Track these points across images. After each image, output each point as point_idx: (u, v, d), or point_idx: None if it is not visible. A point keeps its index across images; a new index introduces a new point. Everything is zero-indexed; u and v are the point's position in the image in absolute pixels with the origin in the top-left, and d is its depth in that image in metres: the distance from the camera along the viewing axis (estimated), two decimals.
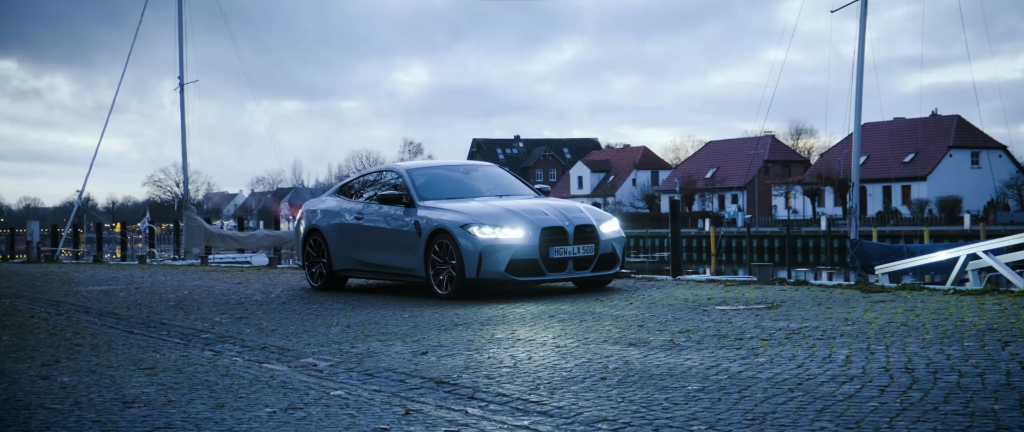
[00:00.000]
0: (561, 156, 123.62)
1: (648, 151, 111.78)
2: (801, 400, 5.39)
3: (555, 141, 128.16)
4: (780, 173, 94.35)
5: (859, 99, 22.33)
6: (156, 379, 7.08)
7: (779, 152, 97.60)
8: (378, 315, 10.39)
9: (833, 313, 8.56)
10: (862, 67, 23.04)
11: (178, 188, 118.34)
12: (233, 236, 38.55)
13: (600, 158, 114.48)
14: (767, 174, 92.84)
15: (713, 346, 7.31)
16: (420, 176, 12.63)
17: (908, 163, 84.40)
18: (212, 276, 17.65)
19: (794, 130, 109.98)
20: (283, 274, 17.45)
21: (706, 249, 67.11)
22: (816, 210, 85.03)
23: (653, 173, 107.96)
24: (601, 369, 6.68)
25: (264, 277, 16.68)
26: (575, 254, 11.36)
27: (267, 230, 44.09)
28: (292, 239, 38.51)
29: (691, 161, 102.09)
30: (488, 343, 8.09)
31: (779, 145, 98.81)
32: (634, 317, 9.07)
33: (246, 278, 16.42)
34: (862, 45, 22.42)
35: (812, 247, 65.67)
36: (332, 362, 7.68)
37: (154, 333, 9.92)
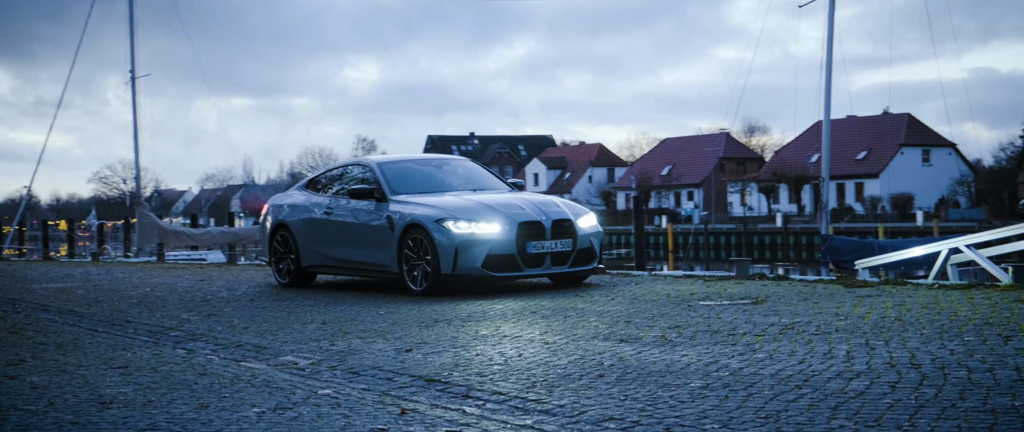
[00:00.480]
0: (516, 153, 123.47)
1: (604, 148, 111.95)
2: (811, 397, 5.23)
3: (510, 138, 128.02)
4: (735, 170, 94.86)
5: (828, 94, 22.35)
6: (131, 378, 6.80)
7: (734, 149, 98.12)
8: (354, 312, 10.13)
9: (822, 308, 8.43)
10: (830, 63, 23.09)
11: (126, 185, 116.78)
12: (187, 233, 37.98)
13: (556, 155, 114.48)
14: (722, 171, 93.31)
15: (707, 342, 7.14)
16: (391, 169, 12.37)
17: (861, 160, 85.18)
18: (172, 273, 17.27)
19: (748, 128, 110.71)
20: (246, 271, 17.10)
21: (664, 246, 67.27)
22: (771, 207, 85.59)
23: (609, 170, 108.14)
24: (596, 366, 6.49)
25: (226, 274, 16.33)
26: (553, 249, 11.16)
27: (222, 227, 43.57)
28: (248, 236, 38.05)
29: (647, 158, 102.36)
30: (474, 340, 7.88)
31: (734, 142, 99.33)
32: (619, 313, 8.90)
33: (208, 275, 16.07)
34: (830, 41, 22.43)
35: (768, 244, 66.03)
36: (313, 360, 7.44)
37: (120, 331, 9.60)
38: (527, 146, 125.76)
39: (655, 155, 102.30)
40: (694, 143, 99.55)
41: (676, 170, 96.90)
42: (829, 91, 22.50)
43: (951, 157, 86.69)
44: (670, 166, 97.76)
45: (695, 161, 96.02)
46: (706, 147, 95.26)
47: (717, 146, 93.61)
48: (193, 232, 38.18)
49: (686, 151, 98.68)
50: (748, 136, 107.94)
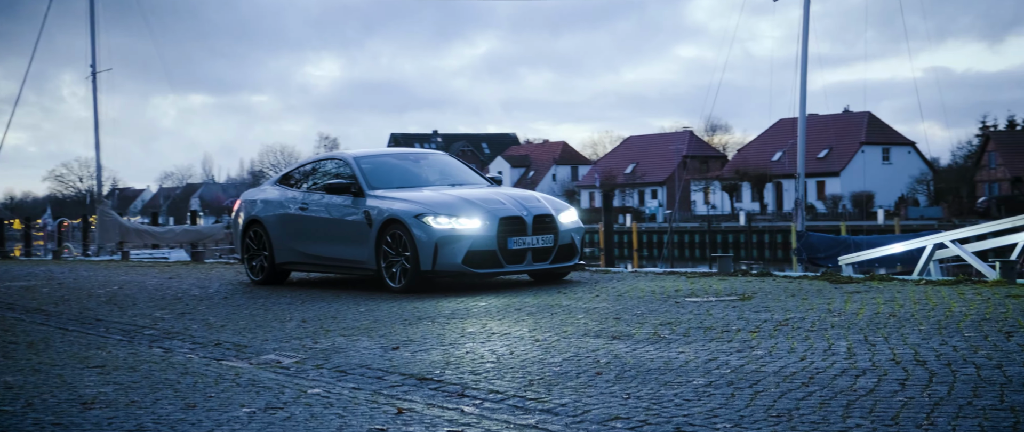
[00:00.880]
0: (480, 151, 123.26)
1: (567, 146, 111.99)
2: (820, 395, 5.10)
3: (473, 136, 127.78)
4: (698, 168, 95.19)
5: (803, 91, 22.36)
6: (110, 378, 6.56)
7: (697, 148, 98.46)
8: (333, 309, 9.92)
9: (812, 304, 8.33)
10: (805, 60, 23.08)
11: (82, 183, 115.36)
12: (149, 231, 37.52)
13: (519, 153, 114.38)
14: (686, 169, 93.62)
15: (702, 339, 7.01)
16: (368, 164, 12.14)
17: (822, 159, 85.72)
18: (138, 271, 16.96)
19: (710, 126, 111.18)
20: (215, 269, 16.81)
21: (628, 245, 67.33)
22: (734, 205, 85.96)
23: (573, 168, 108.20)
24: (592, 364, 6.34)
25: (195, 272, 16.04)
26: (534, 245, 11.00)
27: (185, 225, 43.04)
28: (211, 234, 37.62)
29: (611, 156, 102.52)
30: (461, 337, 7.70)
31: (697, 141, 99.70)
32: (606, 310, 8.75)
33: (177, 273, 15.77)
34: (805, 38, 22.44)
35: (731, 242, 66.28)
36: (297, 359, 7.23)
37: (91, 330, 9.34)
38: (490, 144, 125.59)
39: (619, 153, 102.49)
40: (658, 141, 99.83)
41: (640, 168, 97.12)
42: (804, 88, 22.52)
43: (911, 155, 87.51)
44: (634, 164, 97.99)
45: (659, 159, 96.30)
46: (670, 145, 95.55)
47: (681, 144, 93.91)
48: (155, 230, 37.72)
49: (650, 149, 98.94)
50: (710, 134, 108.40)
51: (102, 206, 36.19)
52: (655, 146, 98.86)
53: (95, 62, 38.75)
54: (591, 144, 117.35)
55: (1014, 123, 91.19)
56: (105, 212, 35.74)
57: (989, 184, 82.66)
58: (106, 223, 35.17)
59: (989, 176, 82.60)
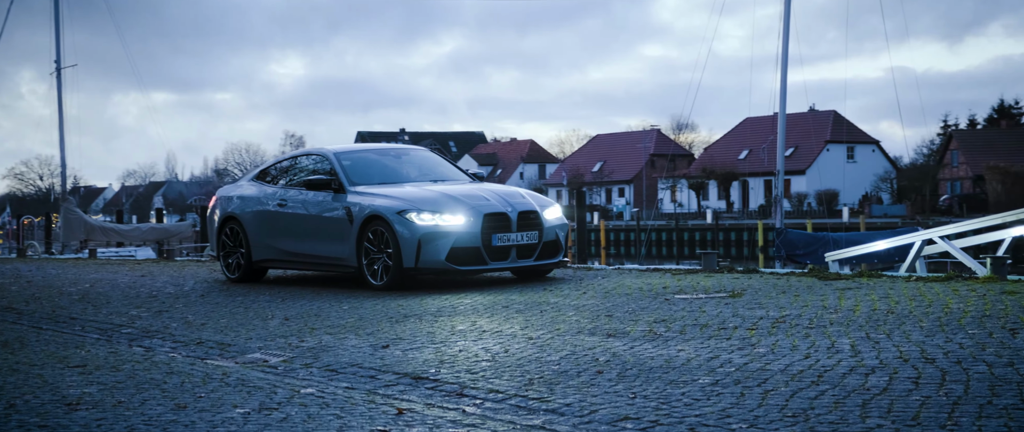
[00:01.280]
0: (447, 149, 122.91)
1: (535, 144, 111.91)
2: (833, 394, 4.98)
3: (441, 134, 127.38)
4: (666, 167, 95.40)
5: (784, 88, 22.33)
6: (93, 378, 6.35)
7: (664, 146, 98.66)
8: (315, 307, 9.72)
9: (805, 301, 8.23)
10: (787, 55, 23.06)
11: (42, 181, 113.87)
12: (115, 229, 37.05)
13: (487, 152, 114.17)
14: (653, 168, 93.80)
15: (699, 336, 6.89)
16: (349, 159, 11.94)
17: (788, 157, 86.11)
18: (107, 269, 16.64)
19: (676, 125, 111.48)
20: (188, 266, 16.54)
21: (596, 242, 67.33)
22: (701, 203, 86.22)
23: (540, 167, 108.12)
24: (591, 362, 6.20)
25: (168, 269, 15.76)
26: (519, 242, 10.85)
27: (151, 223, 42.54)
28: (178, 232, 37.19)
29: (578, 154, 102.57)
30: (452, 335, 7.54)
31: (664, 139, 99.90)
32: (597, 307, 8.61)
33: (149, 271, 15.49)
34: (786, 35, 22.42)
35: (698, 240, 66.45)
36: (284, 358, 7.04)
37: (66, 329, 9.09)
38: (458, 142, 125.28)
39: (586, 151, 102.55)
40: (625, 139, 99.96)
41: (607, 166, 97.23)
42: (784, 86, 22.50)
43: (875, 154, 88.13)
44: (601, 162, 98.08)
45: (626, 157, 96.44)
46: (637, 144, 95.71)
47: (648, 143, 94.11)
48: (121, 228, 37.26)
49: (617, 147, 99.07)
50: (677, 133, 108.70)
51: (67, 203, 35.68)
52: (622, 144, 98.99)
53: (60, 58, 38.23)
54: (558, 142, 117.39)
55: (974, 122, 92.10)
56: (70, 210, 35.25)
57: (951, 182, 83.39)
58: (70, 221, 34.68)
59: (952, 174, 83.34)
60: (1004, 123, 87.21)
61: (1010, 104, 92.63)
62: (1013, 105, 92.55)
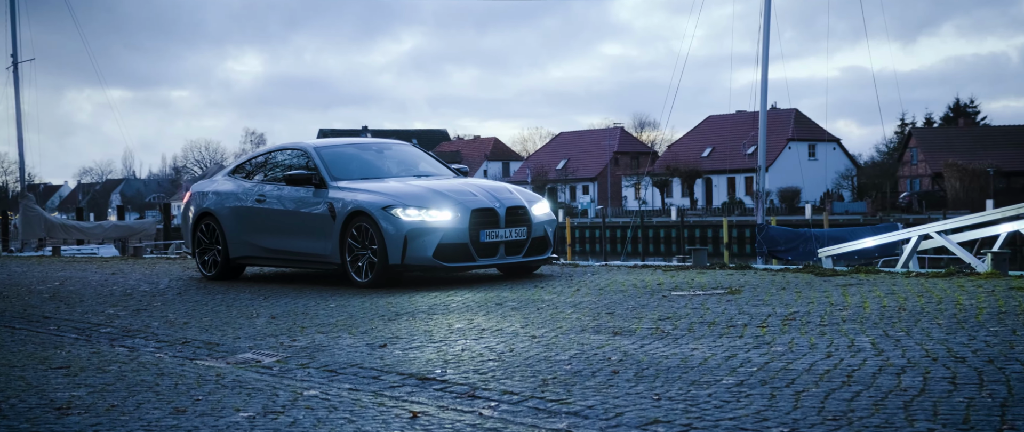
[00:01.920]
0: None
1: (499, 142, 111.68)
2: (869, 396, 4.77)
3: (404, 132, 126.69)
4: (630, 164, 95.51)
5: (764, 84, 22.23)
6: (79, 380, 6.03)
7: (628, 144, 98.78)
8: (301, 305, 9.42)
9: (810, 298, 8.04)
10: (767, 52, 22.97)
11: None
12: (77, 227, 36.39)
13: (450, 149, 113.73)
14: (617, 165, 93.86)
15: (709, 334, 6.67)
16: (330, 154, 11.62)
17: (751, 155, 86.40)
18: (75, 267, 16.22)
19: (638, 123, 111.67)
20: (159, 264, 16.14)
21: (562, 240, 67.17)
22: (665, 201, 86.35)
23: (504, 164, 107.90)
24: (603, 362, 5.96)
25: (139, 267, 15.37)
26: (507, 238, 10.59)
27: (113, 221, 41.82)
28: (141, 230, 36.60)
29: (542, 152, 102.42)
30: (451, 334, 7.28)
31: (628, 137, 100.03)
32: (594, 304, 8.38)
33: (119, 268, 15.09)
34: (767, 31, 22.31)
35: (663, 237, 66.51)
36: (278, 358, 6.76)
37: (41, 328, 8.75)
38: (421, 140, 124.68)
39: (550, 149, 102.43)
40: (589, 137, 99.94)
41: (571, 164, 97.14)
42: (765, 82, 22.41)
43: (835, 152, 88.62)
44: (565, 160, 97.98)
45: (590, 155, 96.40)
46: (601, 141, 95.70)
47: (612, 140, 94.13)
48: (82, 226, 36.60)
49: (581, 145, 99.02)
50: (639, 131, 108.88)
51: (26, 200, 34.98)
52: (586, 142, 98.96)
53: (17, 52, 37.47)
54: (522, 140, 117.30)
55: (931, 120, 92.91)
56: (29, 207, 34.57)
57: (911, 180, 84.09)
58: (30, 218, 34.01)
59: (911, 172, 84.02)
60: (962, 121, 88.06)
61: (965, 103, 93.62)
62: (969, 104, 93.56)
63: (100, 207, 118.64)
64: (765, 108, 24.22)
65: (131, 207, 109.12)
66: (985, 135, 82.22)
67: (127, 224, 38.10)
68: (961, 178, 71.77)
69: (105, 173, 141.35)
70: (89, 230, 35.42)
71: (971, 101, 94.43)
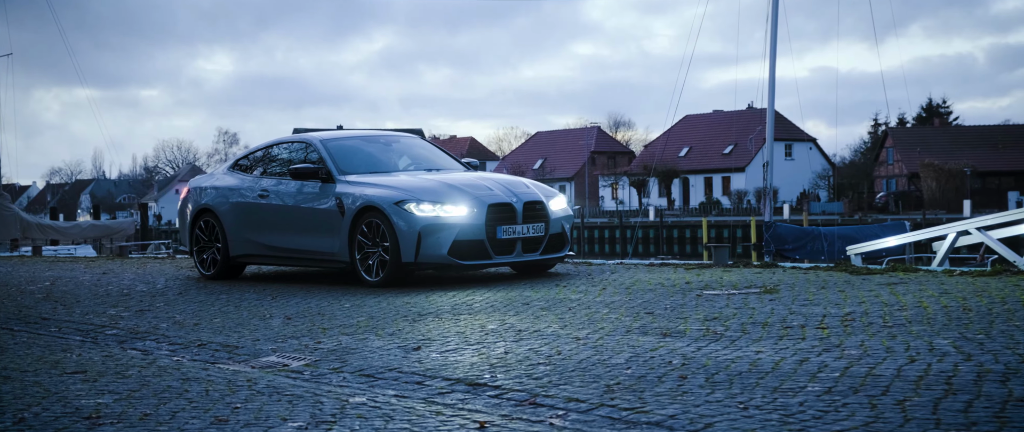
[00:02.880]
0: None
1: (475, 141, 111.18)
2: (984, 406, 4.38)
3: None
4: (607, 164, 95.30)
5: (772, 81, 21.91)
6: (101, 386, 5.58)
7: (605, 143, 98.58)
8: (313, 305, 8.97)
9: (857, 296, 7.67)
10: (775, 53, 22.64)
11: None
12: (53, 226, 35.66)
13: None
14: (594, 165, 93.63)
15: (767, 336, 6.28)
16: (337, 147, 11.16)
17: (727, 154, 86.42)
18: (61, 267, 15.70)
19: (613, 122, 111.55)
20: (150, 263, 15.63)
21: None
22: (642, 200, 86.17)
23: (480, 164, 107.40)
24: (664, 365, 5.56)
25: (130, 267, 14.86)
26: (524, 234, 10.17)
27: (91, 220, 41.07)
28: (120, 229, 35.93)
29: (519, 152, 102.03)
30: (486, 335, 6.86)
31: (605, 136, 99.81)
32: (628, 304, 7.98)
33: (109, 268, 14.57)
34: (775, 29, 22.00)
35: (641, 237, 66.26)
36: (307, 361, 6.33)
37: (41, 330, 8.27)
38: None
39: (527, 148, 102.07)
40: (566, 137, 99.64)
41: (548, 164, 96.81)
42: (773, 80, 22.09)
43: (812, 152, 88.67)
44: (542, 160, 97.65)
45: (567, 155, 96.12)
46: (578, 141, 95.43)
47: (589, 140, 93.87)
48: (59, 225, 35.88)
49: (558, 145, 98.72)
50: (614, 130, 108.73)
51: (2, 199, 34.22)
52: (563, 141, 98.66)
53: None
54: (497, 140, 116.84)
55: (903, 120, 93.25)
56: (4, 206, 33.81)
57: (887, 180, 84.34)
58: (6, 217, 33.24)
59: (887, 172, 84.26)
60: (937, 121, 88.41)
61: (938, 103, 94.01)
62: (941, 104, 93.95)
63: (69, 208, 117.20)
64: (773, 104, 23.93)
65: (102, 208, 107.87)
66: (960, 135, 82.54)
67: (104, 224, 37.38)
68: (937, 178, 71.95)
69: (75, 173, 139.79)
70: (65, 230, 34.71)
71: (944, 101, 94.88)
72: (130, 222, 37.38)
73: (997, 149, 79.26)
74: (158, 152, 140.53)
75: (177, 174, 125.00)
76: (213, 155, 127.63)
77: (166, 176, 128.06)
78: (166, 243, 37.46)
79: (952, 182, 71.77)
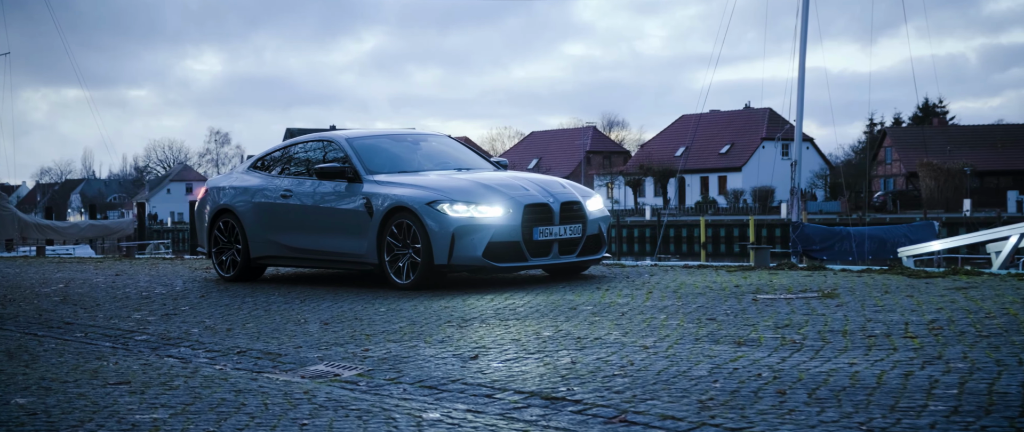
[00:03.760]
0: None
1: (469, 141, 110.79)
2: None
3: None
4: (602, 164, 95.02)
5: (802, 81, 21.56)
6: (151, 399, 5.20)
7: (600, 143, 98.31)
8: (347, 310, 8.59)
9: (931, 302, 7.31)
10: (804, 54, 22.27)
11: None
12: (51, 226, 35.20)
13: None
14: (589, 165, 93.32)
15: (853, 346, 5.91)
16: (363, 146, 10.78)
17: (724, 154, 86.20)
18: (70, 268, 15.31)
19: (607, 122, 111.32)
20: (160, 264, 15.23)
21: None
22: (638, 200, 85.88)
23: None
24: (753, 378, 5.19)
25: (142, 268, 14.47)
26: (561, 236, 9.80)
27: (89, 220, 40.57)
28: (118, 230, 35.48)
29: (513, 152, 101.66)
30: (545, 343, 6.49)
31: (600, 136, 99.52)
32: (684, 309, 7.61)
33: (121, 270, 14.18)
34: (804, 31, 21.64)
35: (637, 237, 65.99)
36: (359, 371, 5.95)
37: (67, 335, 7.89)
38: None
39: (522, 148, 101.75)
40: (561, 136, 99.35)
41: (544, 163, 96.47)
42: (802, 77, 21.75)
43: (809, 151, 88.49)
44: (537, 159, 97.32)
45: (562, 154, 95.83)
46: (573, 140, 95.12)
47: (585, 140, 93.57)
48: (57, 225, 35.42)
49: (553, 144, 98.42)
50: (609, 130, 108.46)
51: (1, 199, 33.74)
52: (558, 141, 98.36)
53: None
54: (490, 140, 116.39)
55: (899, 120, 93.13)
56: (3, 206, 33.36)
57: (885, 179, 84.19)
58: (4, 217, 32.78)
59: (885, 171, 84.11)
60: (936, 121, 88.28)
61: (934, 103, 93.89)
62: (937, 104, 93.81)
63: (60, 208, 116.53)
64: (802, 103, 23.58)
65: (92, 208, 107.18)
66: (958, 134, 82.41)
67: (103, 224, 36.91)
68: (936, 178, 71.76)
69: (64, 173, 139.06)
70: (64, 230, 34.24)
71: (940, 101, 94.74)
72: (128, 222, 36.91)
73: (995, 148, 79.16)
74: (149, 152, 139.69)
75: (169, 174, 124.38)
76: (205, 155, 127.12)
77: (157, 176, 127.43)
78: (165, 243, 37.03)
79: (951, 181, 71.61)
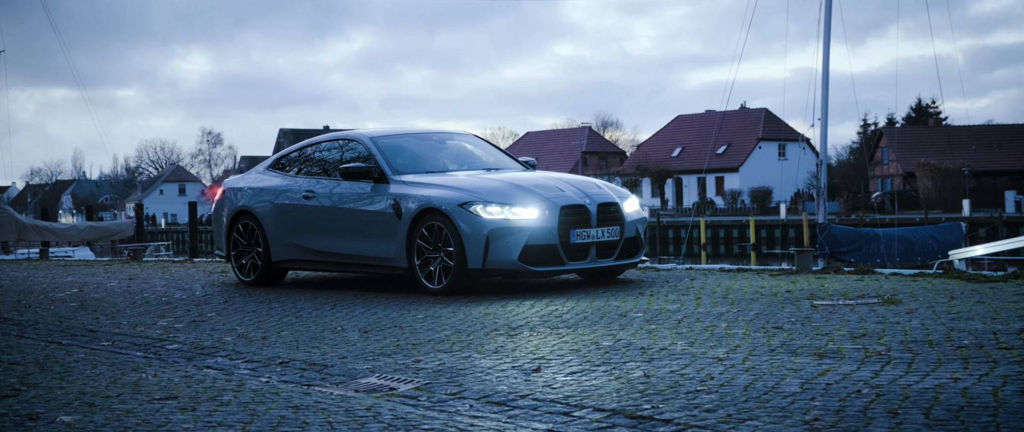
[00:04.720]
0: None
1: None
2: None
3: None
4: (598, 164, 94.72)
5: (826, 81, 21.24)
6: (205, 417, 4.83)
7: (596, 143, 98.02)
8: (383, 316, 8.22)
9: (1008, 308, 6.95)
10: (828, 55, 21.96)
11: None
12: (50, 228, 34.73)
13: None
14: (586, 165, 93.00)
15: (947, 358, 5.55)
16: (388, 145, 10.40)
17: (721, 155, 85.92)
18: (80, 272, 14.93)
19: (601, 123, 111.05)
20: (171, 267, 14.84)
21: None
22: None
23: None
24: (854, 396, 4.81)
25: (153, 272, 14.08)
26: (599, 238, 9.44)
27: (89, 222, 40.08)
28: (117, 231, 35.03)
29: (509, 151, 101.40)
30: (608, 354, 6.13)
31: (596, 136, 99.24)
32: (744, 316, 7.25)
33: (133, 273, 13.79)
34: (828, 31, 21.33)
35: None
36: (415, 384, 5.59)
37: (94, 344, 7.52)
38: None
39: (517, 148, 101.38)
40: (556, 137, 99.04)
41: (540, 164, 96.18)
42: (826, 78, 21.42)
43: (805, 152, 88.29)
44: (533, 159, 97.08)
45: (558, 155, 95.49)
46: (569, 141, 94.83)
47: (581, 140, 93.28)
48: (56, 227, 34.95)
49: (548, 145, 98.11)
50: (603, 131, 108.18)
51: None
52: (554, 141, 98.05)
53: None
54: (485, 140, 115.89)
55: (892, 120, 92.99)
56: (2, 208, 32.88)
57: (882, 179, 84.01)
58: (2, 219, 32.31)
59: (883, 171, 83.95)
60: (931, 121, 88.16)
61: (927, 104, 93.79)
62: (930, 104, 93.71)
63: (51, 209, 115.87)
64: (827, 99, 23.26)
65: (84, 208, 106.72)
66: (955, 135, 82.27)
67: (102, 225, 36.45)
68: (933, 178, 71.62)
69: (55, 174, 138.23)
70: (62, 232, 33.79)
71: (933, 101, 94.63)
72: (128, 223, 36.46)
73: (992, 149, 79.06)
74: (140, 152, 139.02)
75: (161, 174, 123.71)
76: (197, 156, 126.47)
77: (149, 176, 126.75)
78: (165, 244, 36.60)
79: (948, 182, 71.46)
